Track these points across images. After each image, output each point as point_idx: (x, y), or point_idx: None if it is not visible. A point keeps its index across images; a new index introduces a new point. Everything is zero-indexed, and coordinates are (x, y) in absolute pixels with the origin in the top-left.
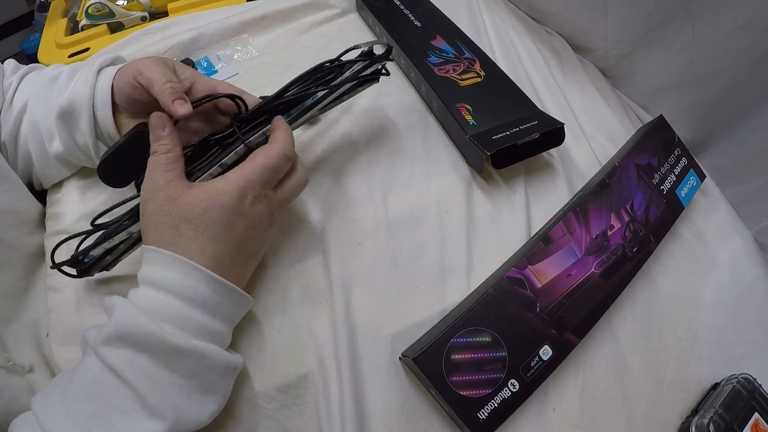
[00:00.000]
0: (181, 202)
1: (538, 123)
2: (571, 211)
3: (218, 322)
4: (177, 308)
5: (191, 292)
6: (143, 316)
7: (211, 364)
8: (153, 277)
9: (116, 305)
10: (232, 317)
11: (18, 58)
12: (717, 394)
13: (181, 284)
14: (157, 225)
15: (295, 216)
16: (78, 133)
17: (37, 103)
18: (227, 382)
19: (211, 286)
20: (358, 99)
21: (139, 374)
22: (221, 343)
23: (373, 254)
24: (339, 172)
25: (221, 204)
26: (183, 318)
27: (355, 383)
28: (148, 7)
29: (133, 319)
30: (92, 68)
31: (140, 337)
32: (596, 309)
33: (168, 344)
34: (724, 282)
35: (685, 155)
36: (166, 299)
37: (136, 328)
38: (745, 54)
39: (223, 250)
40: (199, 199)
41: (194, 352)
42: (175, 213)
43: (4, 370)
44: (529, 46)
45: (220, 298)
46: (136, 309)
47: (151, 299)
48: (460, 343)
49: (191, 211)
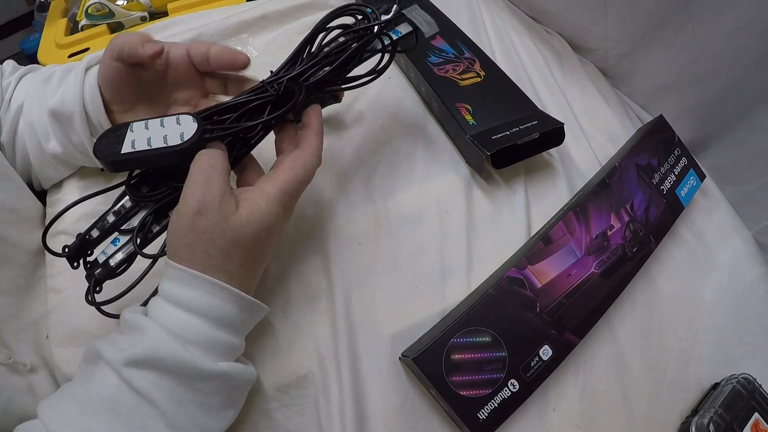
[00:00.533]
0: (234, 224)
1: (538, 123)
2: (571, 211)
3: (240, 339)
4: (205, 331)
5: (219, 313)
6: (173, 341)
7: (234, 384)
8: (180, 297)
9: (146, 328)
10: (250, 329)
11: (18, 58)
12: (717, 394)
13: (208, 305)
14: (208, 246)
15: (295, 216)
16: (73, 133)
17: (32, 104)
18: (244, 395)
19: (237, 305)
20: (359, 99)
21: (164, 395)
22: (239, 354)
23: (373, 254)
24: (339, 172)
25: (269, 227)
26: (211, 341)
27: (355, 383)
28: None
29: (163, 345)
30: (80, 67)
31: (170, 363)
32: (596, 309)
33: (197, 369)
34: (724, 282)
35: (685, 155)
36: (195, 321)
37: (166, 355)
38: (745, 54)
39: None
40: (251, 222)
41: (222, 375)
42: (229, 237)
43: (4, 368)
44: (529, 46)
45: (245, 315)
46: (166, 334)
47: (177, 320)
48: (460, 343)
49: (244, 236)
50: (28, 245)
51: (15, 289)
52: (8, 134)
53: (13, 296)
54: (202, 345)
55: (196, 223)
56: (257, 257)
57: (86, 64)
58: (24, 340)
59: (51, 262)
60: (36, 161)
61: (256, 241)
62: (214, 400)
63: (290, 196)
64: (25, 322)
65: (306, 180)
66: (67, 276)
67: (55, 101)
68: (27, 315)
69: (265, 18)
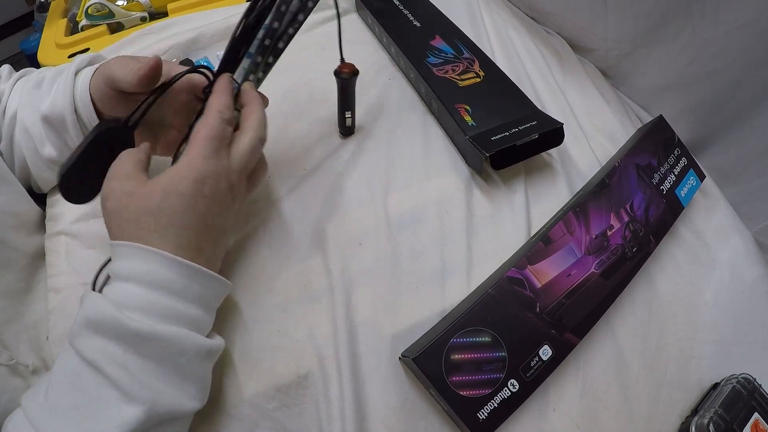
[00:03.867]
0: (138, 195)
1: (538, 123)
2: (570, 211)
3: (189, 306)
4: (139, 294)
5: (152, 277)
6: (107, 304)
7: (179, 348)
8: (118, 269)
9: (86, 297)
10: (205, 300)
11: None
12: (717, 394)
13: (142, 271)
14: (119, 221)
15: (295, 216)
16: (68, 138)
17: (25, 110)
18: (203, 367)
19: (174, 270)
20: (358, 99)
21: (111, 361)
22: (197, 327)
23: (373, 254)
24: (339, 172)
25: (179, 192)
26: (146, 303)
27: (355, 383)
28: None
29: (97, 307)
30: (70, 72)
31: (106, 325)
32: (596, 309)
33: (130, 329)
34: (724, 282)
35: (684, 155)
36: (130, 287)
37: (100, 316)
38: (745, 54)
39: (187, 235)
40: (155, 190)
41: (157, 336)
42: (133, 207)
43: (6, 370)
44: (529, 46)
45: (187, 281)
46: (102, 299)
47: (117, 289)
48: (460, 343)
49: (149, 203)
50: (28, 248)
51: (15, 292)
52: (5, 141)
53: (13, 299)
54: (138, 308)
55: (106, 207)
56: (177, 223)
57: (75, 67)
58: (24, 342)
59: (51, 263)
60: (33, 166)
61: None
62: (165, 367)
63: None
64: (25, 324)
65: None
66: (67, 276)
67: (46, 107)
68: (27, 318)
69: None
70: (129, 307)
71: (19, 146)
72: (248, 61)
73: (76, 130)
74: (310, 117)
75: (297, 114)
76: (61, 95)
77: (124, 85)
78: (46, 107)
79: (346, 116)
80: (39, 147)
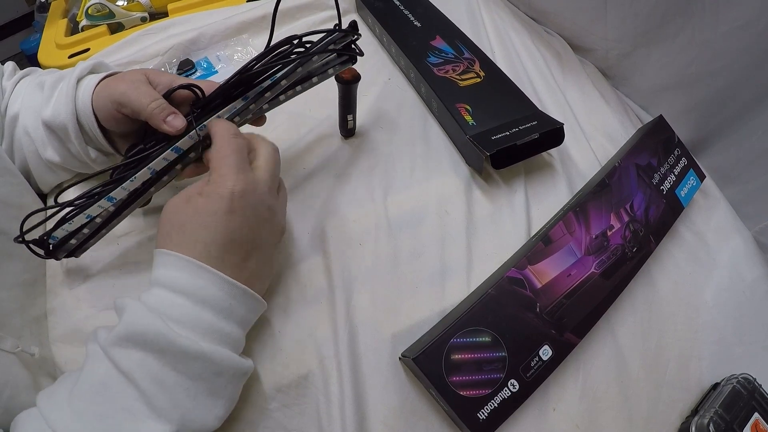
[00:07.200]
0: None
1: (538, 123)
2: (571, 211)
3: (231, 325)
4: (187, 309)
5: (202, 293)
6: (153, 316)
7: (219, 369)
8: (164, 278)
9: (127, 306)
10: (246, 321)
11: (18, 59)
12: (717, 394)
13: (192, 285)
14: (170, 228)
15: (295, 216)
16: (69, 144)
17: (26, 113)
18: (235, 387)
19: (222, 289)
20: (359, 99)
21: (146, 376)
22: (234, 347)
23: (373, 254)
24: (339, 173)
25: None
26: (193, 319)
27: (355, 383)
28: (148, 8)
29: (143, 319)
30: (71, 80)
31: (150, 338)
32: (596, 309)
33: (177, 346)
34: (724, 282)
35: (684, 155)
36: (177, 300)
37: (145, 329)
38: (745, 54)
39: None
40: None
41: (202, 355)
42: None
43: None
44: (529, 46)
45: (233, 301)
46: (147, 310)
47: (162, 300)
48: (460, 343)
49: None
50: None
51: (20, 284)
52: (7, 140)
53: (18, 290)
54: (185, 324)
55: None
56: (242, 247)
57: (77, 75)
58: (28, 336)
59: (50, 262)
60: (34, 167)
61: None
62: (199, 385)
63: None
64: (30, 317)
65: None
66: (64, 278)
67: (47, 114)
68: (32, 310)
69: (266, 18)
70: (175, 320)
71: (20, 147)
72: (242, 103)
73: (79, 140)
74: (310, 117)
75: (297, 114)
76: (62, 105)
77: (140, 115)
78: (48, 115)
79: (348, 119)
80: (41, 150)
